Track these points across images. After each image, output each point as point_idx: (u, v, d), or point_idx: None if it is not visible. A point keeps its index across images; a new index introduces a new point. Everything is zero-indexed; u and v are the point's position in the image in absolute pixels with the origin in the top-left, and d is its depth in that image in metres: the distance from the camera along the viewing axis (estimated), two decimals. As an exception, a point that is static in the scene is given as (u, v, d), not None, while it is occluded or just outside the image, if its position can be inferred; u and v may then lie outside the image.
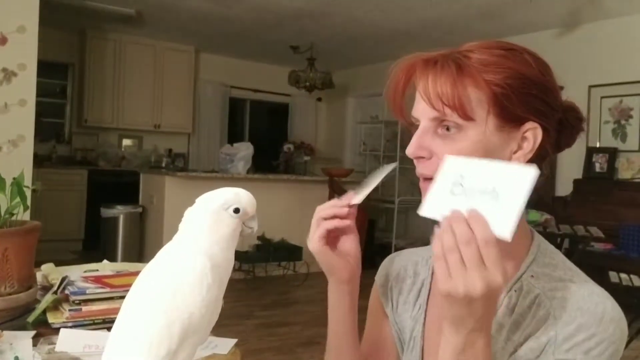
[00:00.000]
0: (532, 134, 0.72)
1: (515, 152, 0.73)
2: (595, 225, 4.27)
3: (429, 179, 0.72)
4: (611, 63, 5.36)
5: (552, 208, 5.21)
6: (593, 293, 0.71)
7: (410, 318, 0.87)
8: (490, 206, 0.60)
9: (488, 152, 0.71)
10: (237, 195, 0.73)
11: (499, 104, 0.70)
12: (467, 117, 0.70)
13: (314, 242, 0.84)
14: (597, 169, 5.34)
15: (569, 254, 4.56)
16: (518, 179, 0.61)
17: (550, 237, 4.35)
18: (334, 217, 0.82)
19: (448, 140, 0.72)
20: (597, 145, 5.46)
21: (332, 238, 0.85)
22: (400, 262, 0.95)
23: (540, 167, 0.74)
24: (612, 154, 5.29)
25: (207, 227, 0.70)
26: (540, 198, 5.66)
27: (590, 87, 5.53)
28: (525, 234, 0.79)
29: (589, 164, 5.42)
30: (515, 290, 0.75)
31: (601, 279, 4.76)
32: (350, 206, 0.81)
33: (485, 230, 0.58)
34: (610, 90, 5.38)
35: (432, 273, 0.87)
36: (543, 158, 0.76)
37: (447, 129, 0.72)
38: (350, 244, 0.86)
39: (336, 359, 0.92)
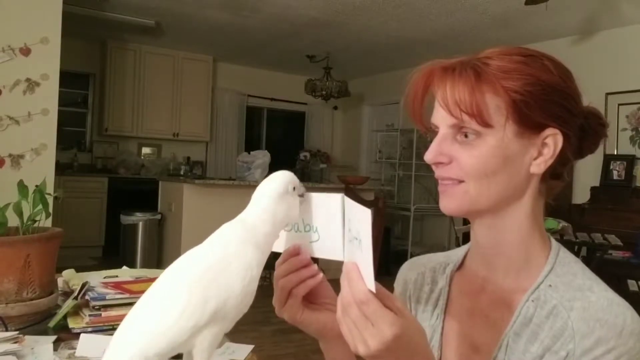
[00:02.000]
0: (553, 140, 0.72)
1: (535, 159, 0.73)
2: (613, 233, 4.22)
3: (451, 183, 0.74)
4: (628, 70, 5.31)
5: (569, 216, 5.16)
6: (613, 303, 0.69)
7: (429, 327, 0.85)
8: (359, 256, 0.62)
9: (507, 159, 0.71)
10: (286, 175, 0.75)
11: (518, 111, 0.70)
12: (486, 123, 0.70)
13: (290, 315, 0.78)
14: (615, 177, 5.28)
15: (586, 262, 4.52)
16: (362, 221, 0.62)
17: (568, 245, 4.31)
18: (298, 275, 0.77)
19: (467, 146, 0.72)
20: (615, 153, 5.40)
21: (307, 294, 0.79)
22: (418, 269, 0.93)
23: (562, 173, 0.77)
24: (630, 161, 5.23)
25: (269, 214, 0.71)
26: (558, 205, 5.60)
27: (608, 94, 5.47)
28: (543, 242, 0.78)
29: (606, 171, 5.36)
30: (532, 301, 0.73)
31: (619, 288, 4.70)
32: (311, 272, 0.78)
33: (357, 291, 0.60)
34: (628, 97, 5.32)
35: (450, 282, 0.86)
36: (564, 164, 0.76)
37: (466, 135, 0.72)
38: (324, 288, 0.81)
39: None
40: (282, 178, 0.73)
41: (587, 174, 5.60)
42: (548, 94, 0.71)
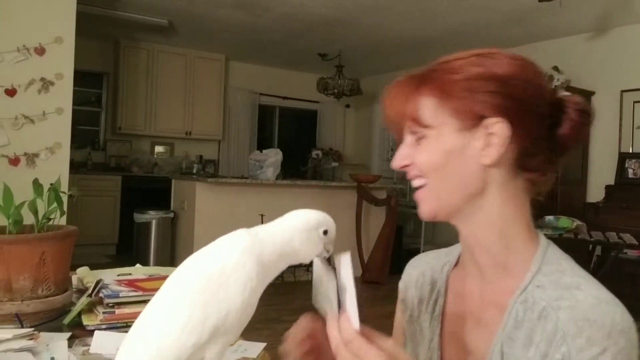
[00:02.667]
0: (499, 129, 0.71)
1: (483, 149, 0.73)
2: (628, 232, 4.18)
3: (419, 187, 0.78)
4: (643, 67, 5.26)
5: (583, 214, 5.12)
6: (601, 301, 0.68)
7: (429, 328, 0.85)
8: (347, 298, 0.67)
9: (455, 154, 0.74)
10: (328, 219, 0.75)
11: (453, 106, 0.73)
12: (424, 125, 0.74)
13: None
14: (630, 175, 5.23)
15: (601, 262, 4.48)
16: (344, 265, 0.69)
17: (582, 244, 4.28)
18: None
19: (419, 147, 0.76)
20: (630, 151, 5.35)
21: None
22: (420, 268, 0.94)
23: (530, 165, 0.75)
24: (646, 159, 5.18)
25: (289, 236, 0.71)
26: (572, 204, 5.57)
27: (623, 91, 5.42)
28: (529, 239, 0.77)
29: (621, 169, 5.31)
30: (521, 303, 0.72)
31: (634, 287, 4.66)
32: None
33: (345, 330, 0.64)
34: (643, 95, 5.27)
35: (447, 281, 0.87)
36: (531, 155, 0.75)
37: (419, 138, 0.76)
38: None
39: None
40: (321, 218, 0.74)
41: (601, 173, 5.56)
42: (485, 85, 0.71)
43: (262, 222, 0.72)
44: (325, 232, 0.73)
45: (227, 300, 0.64)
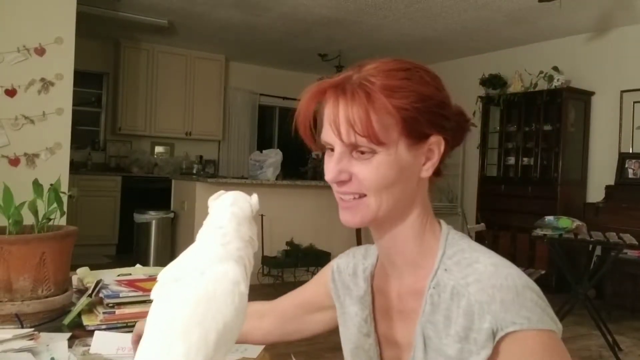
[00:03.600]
0: (437, 146, 0.78)
1: (424, 164, 0.78)
2: (628, 232, 4.17)
3: (353, 198, 0.78)
4: (644, 67, 5.26)
5: (583, 214, 5.12)
6: (498, 267, 0.74)
7: (358, 324, 0.89)
8: None
9: (402, 170, 0.76)
10: (250, 199, 0.77)
11: (408, 126, 0.74)
12: (380, 142, 0.74)
13: None
14: (630, 175, 5.23)
15: (601, 261, 4.48)
16: None
17: (582, 244, 4.28)
18: None
19: (365, 161, 0.75)
20: (630, 151, 5.35)
21: None
22: (348, 257, 0.98)
23: (441, 171, 0.83)
24: (646, 159, 5.18)
25: (243, 232, 0.72)
26: (572, 204, 5.57)
27: (622, 92, 5.43)
28: (434, 229, 0.82)
29: (621, 169, 5.31)
30: (434, 287, 0.77)
31: (634, 287, 4.66)
32: None
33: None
34: (643, 95, 5.27)
35: (372, 282, 0.90)
36: (443, 162, 0.82)
37: (362, 152, 0.75)
38: None
39: None
40: (255, 201, 0.77)
41: (601, 173, 5.56)
42: (430, 106, 0.76)
43: (262, 223, 0.73)
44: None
45: (220, 313, 0.65)
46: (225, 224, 0.72)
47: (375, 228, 0.83)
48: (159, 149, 7.79)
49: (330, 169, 0.78)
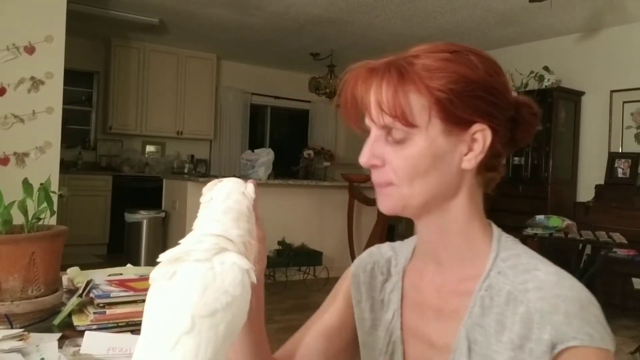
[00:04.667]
0: (482, 135, 0.72)
1: (465, 154, 0.73)
2: (617, 231, 4.21)
3: (385, 185, 0.75)
4: (633, 68, 5.29)
5: (573, 213, 5.16)
6: (561, 277, 0.71)
7: (386, 321, 0.85)
8: None
9: (437, 157, 0.72)
10: (243, 184, 0.75)
11: (443, 109, 0.70)
12: (410, 124, 0.70)
13: None
14: (620, 174, 5.27)
15: (591, 261, 4.51)
16: None
17: (572, 243, 4.31)
18: None
19: (397, 147, 0.72)
20: (620, 151, 5.39)
21: None
22: (375, 257, 0.93)
23: (495, 166, 0.78)
24: (635, 159, 5.22)
25: (245, 220, 0.69)
26: (562, 203, 5.60)
27: (612, 92, 5.46)
28: (484, 230, 0.79)
29: (611, 169, 5.35)
30: (486, 290, 0.74)
31: (624, 286, 4.70)
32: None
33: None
34: (633, 95, 5.30)
35: (403, 276, 0.86)
36: (497, 157, 0.77)
37: (397, 138, 0.72)
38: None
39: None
40: (252, 187, 0.75)
41: (591, 172, 5.60)
42: (472, 90, 0.71)
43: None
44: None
45: (229, 302, 0.61)
46: (220, 217, 0.68)
47: (415, 219, 0.79)
48: (150, 148, 7.76)
49: (364, 151, 0.75)
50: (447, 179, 0.74)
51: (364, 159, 0.75)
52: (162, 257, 0.65)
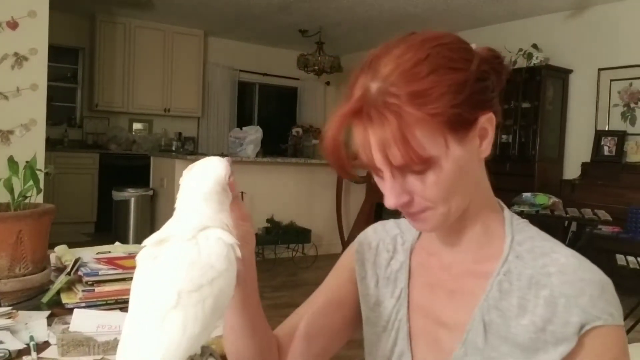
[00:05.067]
0: (489, 122, 0.70)
1: (480, 146, 0.71)
2: (603, 209, 4.26)
3: (417, 213, 0.72)
4: (621, 46, 5.30)
5: (559, 191, 5.21)
6: (580, 260, 0.72)
7: (392, 297, 0.84)
8: None
9: (462, 168, 0.69)
10: (223, 164, 0.72)
11: (452, 125, 0.67)
12: (428, 159, 0.66)
13: None
14: (606, 152, 5.32)
15: (576, 237, 4.57)
16: None
17: (558, 220, 4.36)
18: None
19: (422, 176, 0.68)
20: (606, 129, 5.42)
21: None
22: (380, 234, 0.91)
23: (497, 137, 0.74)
24: (621, 137, 5.26)
25: (222, 199, 0.68)
26: (548, 181, 5.65)
27: (600, 70, 5.48)
28: (495, 209, 0.78)
29: (597, 147, 5.39)
30: (504, 274, 0.74)
31: (608, 262, 4.76)
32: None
33: None
34: (620, 73, 5.32)
35: (411, 255, 0.86)
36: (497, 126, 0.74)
37: (416, 170, 0.68)
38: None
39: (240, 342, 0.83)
40: (225, 165, 0.72)
41: (578, 150, 5.64)
42: (469, 92, 0.67)
43: (242, 200, 0.71)
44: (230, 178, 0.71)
45: (216, 277, 0.62)
46: (198, 205, 0.67)
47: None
48: (137, 126, 7.69)
49: (388, 195, 0.70)
50: (474, 178, 0.73)
51: (391, 201, 0.70)
52: (147, 241, 0.65)
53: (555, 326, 0.69)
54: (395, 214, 0.82)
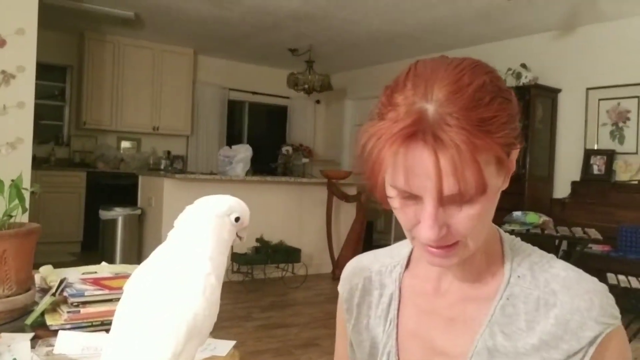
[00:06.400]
0: (515, 155, 0.69)
1: (505, 181, 0.69)
2: (593, 227, 4.28)
3: (447, 247, 0.68)
4: (609, 66, 5.38)
5: (550, 210, 5.23)
6: (578, 272, 0.74)
7: (383, 333, 0.82)
8: None
9: (495, 201, 0.68)
10: (240, 205, 0.75)
11: (499, 158, 0.64)
12: (484, 189, 0.63)
13: None
14: (595, 171, 5.36)
15: (567, 256, 4.57)
16: None
17: (548, 239, 4.37)
18: None
19: (463, 207, 0.64)
20: (595, 148, 5.47)
21: None
22: (363, 273, 0.89)
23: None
24: (610, 156, 5.30)
25: (210, 230, 0.70)
26: (539, 200, 5.68)
27: (588, 89, 5.55)
28: (494, 233, 0.77)
29: (586, 166, 5.43)
30: (507, 298, 0.72)
31: (600, 281, 4.77)
32: None
33: None
34: (608, 92, 5.39)
35: (400, 285, 0.83)
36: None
37: (466, 201, 0.64)
38: None
39: None
40: (233, 203, 0.74)
41: (567, 169, 5.68)
42: (514, 123, 0.66)
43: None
44: (237, 219, 0.73)
45: (191, 303, 0.65)
46: (204, 224, 0.71)
47: None
48: (125, 144, 7.66)
49: (430, 225, 0.64)
50: (494, 209, 0.70)
51: (432, 234, 0.65)
52: (134, 272, 0.71)
53: (567, 343, 0.69)
54: (384, 233, 0.79)
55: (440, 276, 0.79)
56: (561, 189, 5.68)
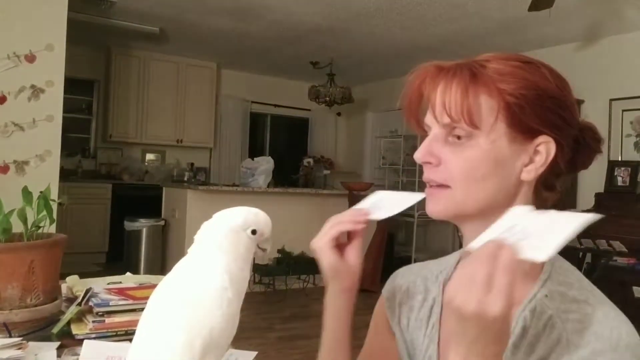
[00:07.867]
0: (545, 148, 0.71)
1: (526, 165, 0.71)
2: (617, 240, 4.21)
3: (437, 186, 0.73)
4: (632, 76, 5.30)
5: (573, 222, 5.14)
6: (608, 317, 0.68)
7: (424, 336, 0.83)
8: (534, 239, 0.57)
9: (498, 162, 0.70)
10: (257, 217, 0.75)
11: (511, 114, 0.69)
12: (475, 125, 0.69)
13: (324, 241, 0.84)
14: (619, 183, 5.27)
15: (591, 269, 4.50)
16: (571, 219, 0.58)
17: (572, 252, 4.30)
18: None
19: (458, 147, 0.71)
20: (619, 159, 5.39)
21: (338, 245, 0.84)
22: (409, 277, 0.92)
23: (553, 185, 0.74)
24: (635, 167, 5.21)
25: (226, 244, 0.71)
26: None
27: (612, 100, 5.47)
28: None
29: (610, 177, 5.34)
30: (529, 311, 0.71)
31: (624, 295, 4.68)
32: (367, 221, 0.80)
33: (507, 257, 0.55)
34: (632, 103, 5.31)
35: (443, 291, 0.84)
36: (557, 175, 0.75)
37: (458, 137, 0.70)
38: (354, 255, 0.84)
39: None
40: (248, 218, 0.74)
41: (591, 180, 5.58)
42: (543, 100, 0.70)
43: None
44: (253, 232, 0.74)
45: (207, 318, 0.66)
46: (219, 239, 0.72)
47: (465, 227, 0.77)
48: (149, 157, 7.76)
49: (421, 147, 0.73)
50: (504, 188, 0.72)
51: (419, 154, 0.73)
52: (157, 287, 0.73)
53: None
54: (405, 245, 0.81)
55: None
56: (585, 201, 5.59)
